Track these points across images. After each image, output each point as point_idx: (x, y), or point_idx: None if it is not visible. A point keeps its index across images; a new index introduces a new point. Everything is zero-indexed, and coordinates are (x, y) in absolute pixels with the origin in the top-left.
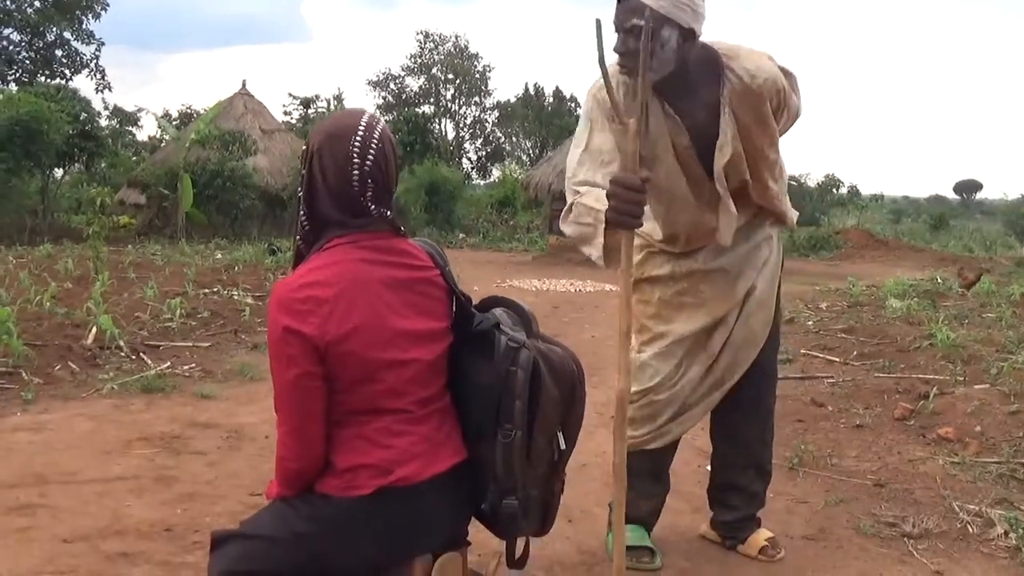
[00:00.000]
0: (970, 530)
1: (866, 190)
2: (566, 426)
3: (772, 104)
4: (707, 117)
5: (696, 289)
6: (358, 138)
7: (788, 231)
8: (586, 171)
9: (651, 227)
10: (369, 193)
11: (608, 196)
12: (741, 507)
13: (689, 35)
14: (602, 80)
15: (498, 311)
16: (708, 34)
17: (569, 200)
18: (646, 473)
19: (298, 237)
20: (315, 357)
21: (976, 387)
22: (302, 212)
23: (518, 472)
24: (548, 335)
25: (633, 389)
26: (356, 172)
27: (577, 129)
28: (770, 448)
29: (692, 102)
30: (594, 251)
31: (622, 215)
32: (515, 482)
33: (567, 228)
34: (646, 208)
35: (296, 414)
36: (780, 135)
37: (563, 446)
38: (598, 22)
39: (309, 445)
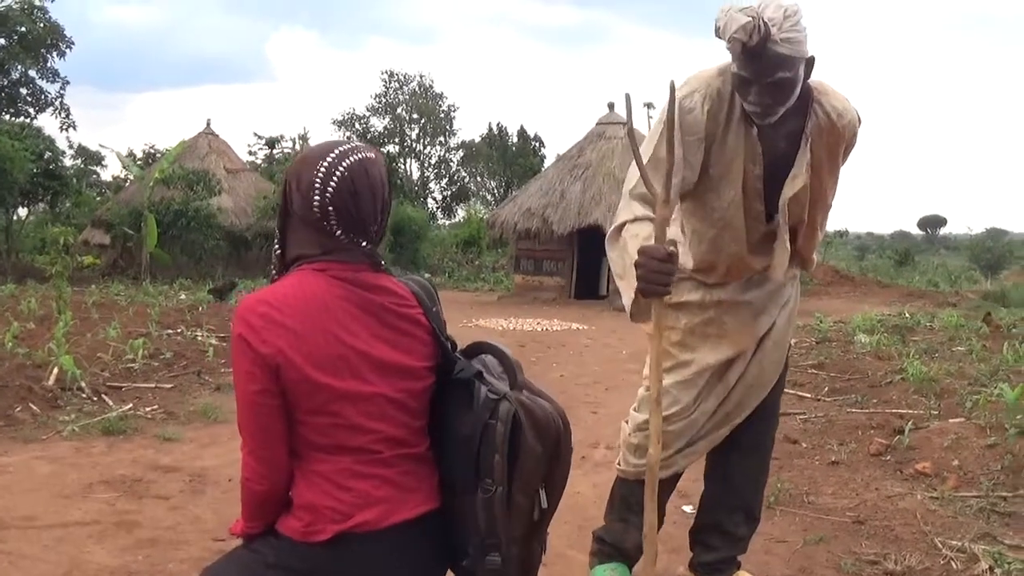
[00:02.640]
0: (954, 566)
1: (830, 226)
2: (549, 483)
3: (844, 146)
4: (786, 148)
5: (720, 320)
6: (324, 165)
7: (807, 274)
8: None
9: (683, 255)
10: (333, 221)
11: (636, 265)
12: (722, 549)
13: (811, 63)
14: (687, 88)
15: (486, 358)
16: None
17: (623, 216)
18: (636, 504)
19: (272, 269)
20: (271, 375)
21: (951, 421)
22: (276, 246)
23: (500, 528)
24: (536, 386)
25: (644, 416)
26: (317, 198)
27: (650, 129)
28: (762, 494)
29: (778, 130)
30: (624, 299)
31: (651, 284)
32: (498, 539)
33: (612, 251)
34: (679, 233)
35: (258, 433)
36: None
37: (545, 504)
38: (627, 97)
39: (273, 467)
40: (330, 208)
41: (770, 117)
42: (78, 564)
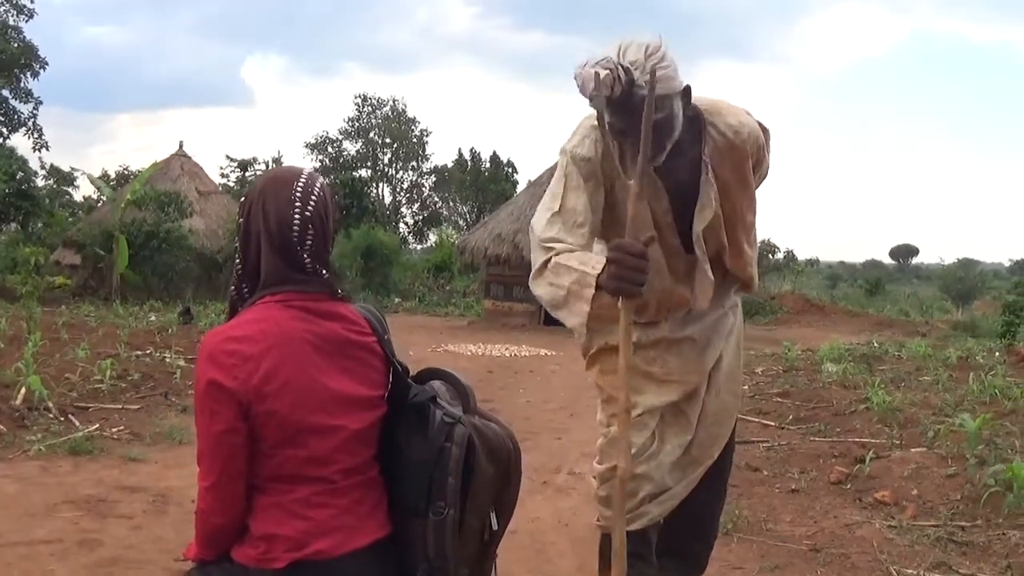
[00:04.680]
0: None
1: (802, 255)
2: (499, 505)
3: (752, 161)
4: (688, 177)
5: (663, 359)
6: (300, 183)
7: (749, 295)
8: (557, 231)
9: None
10: (308, 242)
11: (609, 261)
12: (680, 571)
13: (687, 93)
14: (577, 137)
15: (436, 384)
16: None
17: (541, 257)
18: (628, 554)
19: (232, 289)
20: (239, 412)
21: (913, 450)
22: (237, 263)
23: (449, 551)
24: (486, 411)
25: (605, 466)
26: (297, 216)
27: (549, 189)
28: (719, 520)
29: (676, 162)
30: (574, 317)
31: (624, 282)
32: (446, 562)
33: (540, 288)
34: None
35: (217, 469)
36: None
37: (495, 526)
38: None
39: (230, 501)
40: (309, 226)
41: (656, 160)
42: None
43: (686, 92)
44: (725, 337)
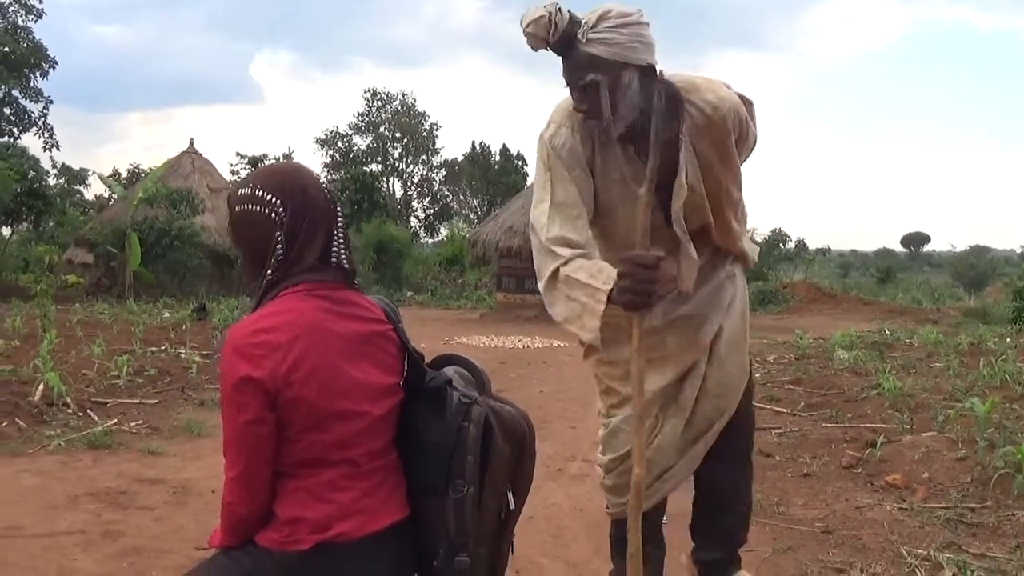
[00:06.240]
0: (919, 574)
1: (813, 244)
2: (515, 485)
3: (735, 135)
4: (670, 156)
5: (662, 343)
6: (323, 179)
7: (749, 269)
8: (560, 227)
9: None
10: (341, 234)
11: (621, 275)
12: (720, 549)
13: (648, 71)
14: (554, 125)
15: (450, 369)
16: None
17: (550, 264)
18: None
19: (268, 275)
20: (267, 403)
21: (924, 435)
22: (280, 250)
23: (470, 528)
24: (500, 394)
25: (608, 457)
26: (340, 207)
27: (535, 179)
28: (748, 495)
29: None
30: (587, 333)
31: (637, 295)
32: (467, 539)
33: (554, 303)
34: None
35: (244, 459)
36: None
37: (512, 505)
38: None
39: (256, 491)
40: (342, 215)
41: (605, 127)
42: (64, 571)
43: (647, 70)
44: (725, 309)
